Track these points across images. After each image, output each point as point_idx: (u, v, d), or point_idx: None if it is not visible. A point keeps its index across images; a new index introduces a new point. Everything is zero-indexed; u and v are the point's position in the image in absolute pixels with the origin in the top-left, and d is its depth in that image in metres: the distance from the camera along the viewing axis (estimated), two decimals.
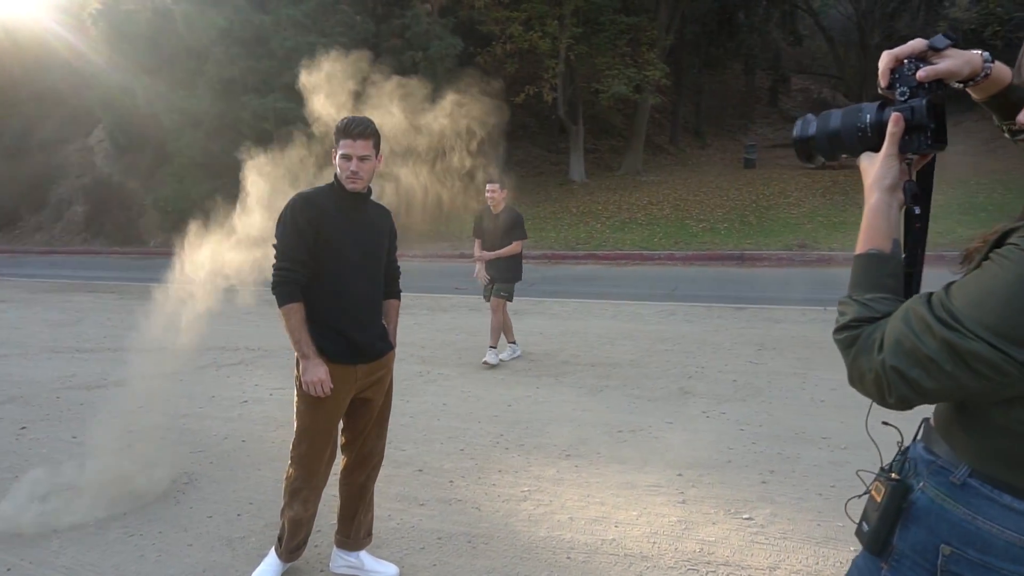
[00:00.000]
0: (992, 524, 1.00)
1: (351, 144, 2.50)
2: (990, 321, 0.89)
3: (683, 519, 3.23)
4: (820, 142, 1.23)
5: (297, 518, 2.69)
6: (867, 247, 1.11)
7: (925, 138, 1.10)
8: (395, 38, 17.55)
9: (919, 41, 1.11)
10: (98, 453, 4.04)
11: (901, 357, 0.97)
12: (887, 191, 1.11)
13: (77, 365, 6.70)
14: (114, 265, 17.29)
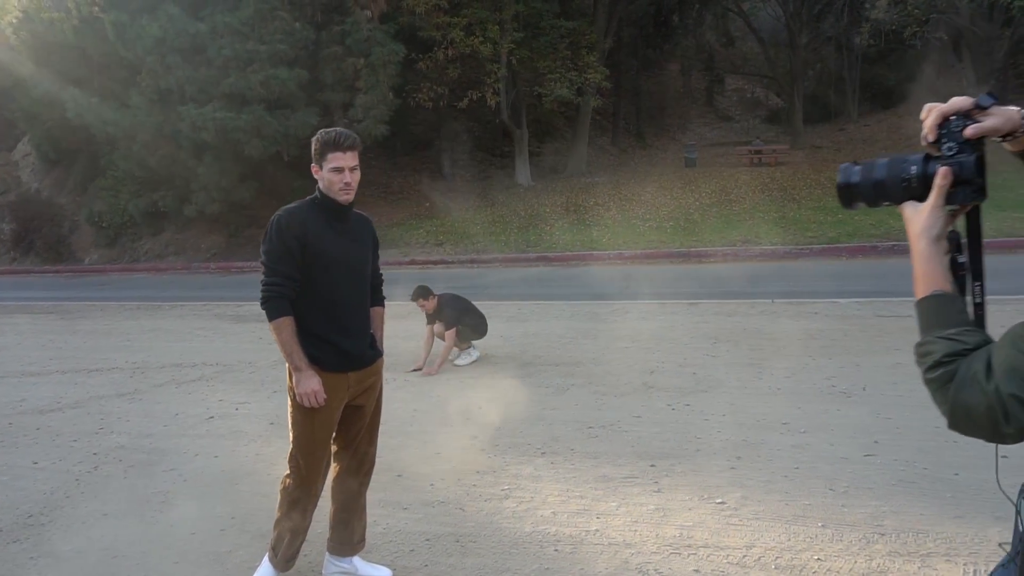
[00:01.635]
0: None
1: (342, 156, 2.55)
2: None
3: (660, 507, 3.37)
4: (864, 190, 1.29)
5: (295, 527, 2.72)
6: (930, 290, 1.12)
7: (972, 190, 1.16)
8: (336, 45, 17.39)
9: (965, 99, 1.17)
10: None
11: (1019, 382, 0.93)
12: (934, 241, 1.14)
13: (25, 389, 6.46)
14: (48, 284, 16.62)
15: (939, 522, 3.05)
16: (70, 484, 4.11)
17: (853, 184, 1.30)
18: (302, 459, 2.69)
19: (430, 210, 20.21)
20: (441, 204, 20.64)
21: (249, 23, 16.09)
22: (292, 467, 2.70)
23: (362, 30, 17.24)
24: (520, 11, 19.95)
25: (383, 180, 22.50)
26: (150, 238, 18.75)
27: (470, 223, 18.45)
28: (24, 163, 20.94)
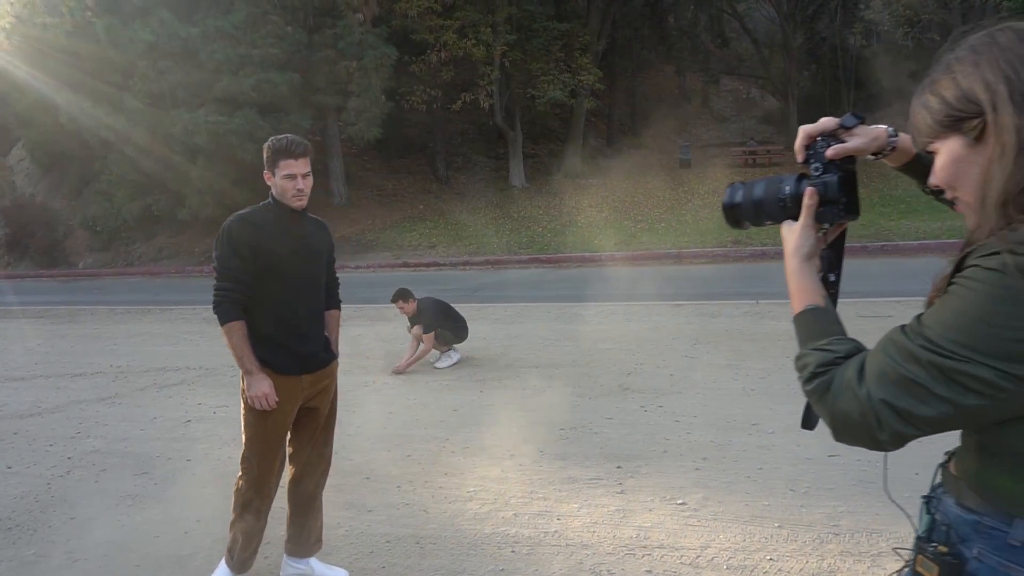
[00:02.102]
0: None
1: (294, 163, 2.58)
2: (968, 340, 0.89)
3: (621, 508, 3.39)
4: (747, 210, 1.30)
5: (249, 529, 2.74)
6: (804, 305, 1.14)
7: (838, 210, 1.17)
8: (328, 48, 17.45)
9: (831, 120, 1.18)
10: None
11: (889, 387, 0.93)
12: (805, 259, 1.17)
13: (7, 394, 6.49)
14: (41, 289, 16.66)
15: (894, 522, 3.06)
16: (41, 488, 4.13)
17: (736, 204, 1.31)
18: (255, 460, 2.72)
19: (423, 212, 20.25)
20: (434, 206, 20.68)
21: (241, 27, 16.16)
22: (244, 468, 2.73)
23: (354, 33, 17.30)
24: (513, 13, 20.00)
25: (377, 182, 22.54)
26: (144, 242, 18.80)
27: (463, 225, 18.49)
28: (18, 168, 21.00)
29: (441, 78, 19.75)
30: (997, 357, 0.87)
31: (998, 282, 0.87)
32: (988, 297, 0.88)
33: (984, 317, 0.88)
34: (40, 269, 19.31)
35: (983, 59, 0.95)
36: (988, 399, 0.89)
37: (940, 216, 12.94)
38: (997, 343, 0.87)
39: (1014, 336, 0.86)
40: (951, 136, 0.99)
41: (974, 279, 0.90)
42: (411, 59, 19.39)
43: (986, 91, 0.93)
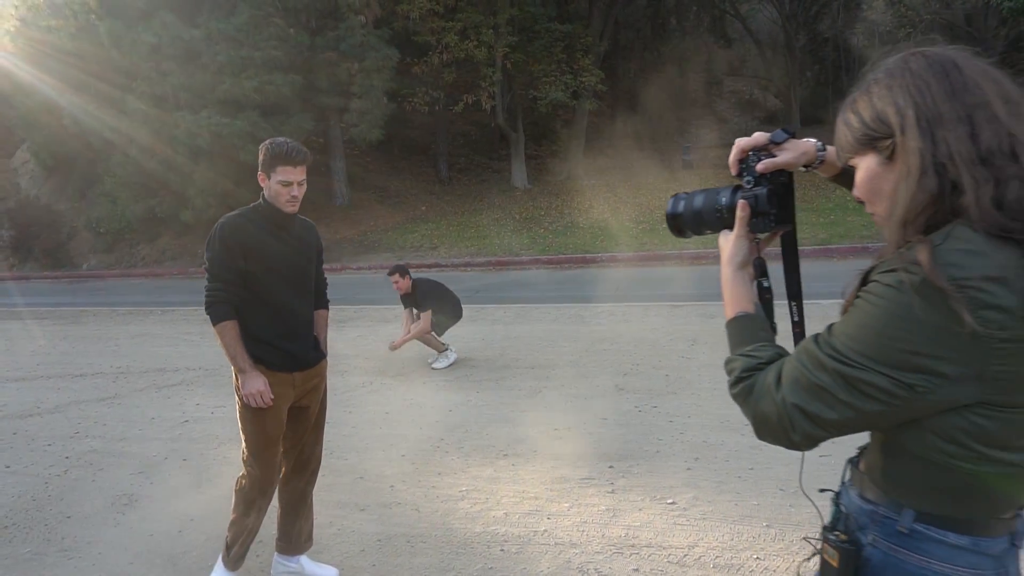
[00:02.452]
0: (947, 565, 1.03)
1: (292, 171, 2.60)
2: (869, 351, 0.95)
3: (611, 507, 3.41)
4: (688, 219, 1.36)
5: (251, 526, 2.78)
6: (735, 312, 1.21)
7: (769, 221, 1.23)
8: (330, 50, 17.51)
9: (762, 135, 1.25)
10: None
11: (800, 393, 1.01)
12: (739, 267, 1.23)
13: (8, 394, 6.54)
14: (46, 290, 16.75)
15: None
16: (39, 488, 4.17)
17: (678, 214, 1.37)
18: (255, 459, 2.74)
19: (425, 213, 20.30)
20: (437, 207, 20.74)
21: (244, 29, 16.23)
22: (247, 468, 2.75)
23: (356, 35, 17.37)
24: (515, 15, 20.04)
25: (380, 184, 22.60)
26: (147, 244, 18.88)
27: (465, 226, 18.54)
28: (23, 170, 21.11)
29: (443, 80, 19.81)
30: (891, 366, 0.94)
31: (894, 298, 0.94)
32: (885, 312, 0.95)
33: (881, 330, 0.95)
34: (45, 271, 19.41)
35: (896, 83, 1.01)
36: (885, 405, 0.96)
37: None
38: (892, 354, 0.94)
39: (906, 348, 0.93)
40: (868, 153, 1.05)
41: (874, 294, 0.97)
42: (413, 61, 19.45)
43: (896, 114, 1.00)
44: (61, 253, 19.44)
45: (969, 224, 0.93)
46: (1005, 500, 1.04)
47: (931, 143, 0.96)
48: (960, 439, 0.97)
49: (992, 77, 0.99)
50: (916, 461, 1.02)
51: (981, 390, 0.94)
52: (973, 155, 0.94)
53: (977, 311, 0.89)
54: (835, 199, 16.04)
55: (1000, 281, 0.89)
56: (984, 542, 1.03)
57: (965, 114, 0.96)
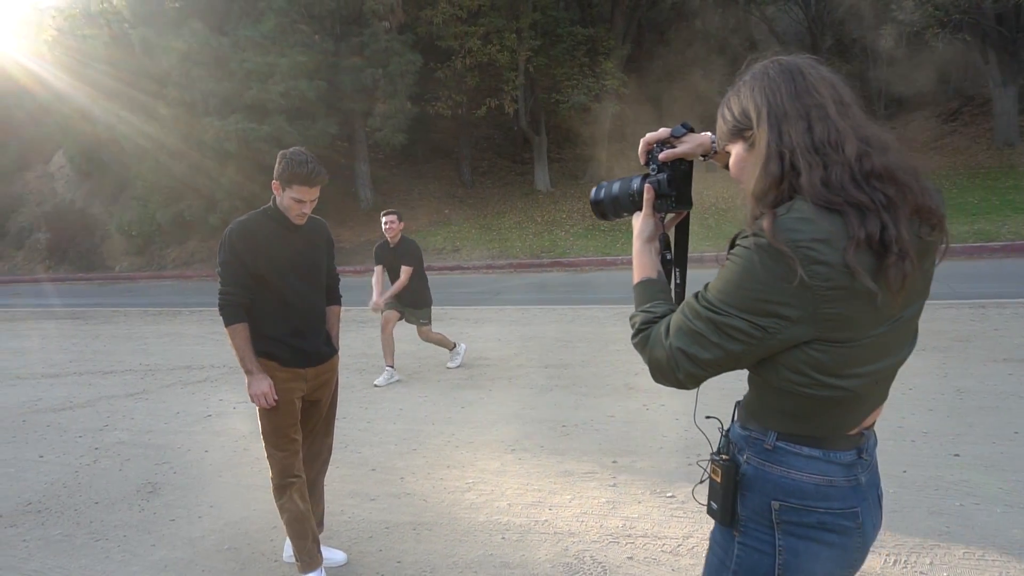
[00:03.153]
0: (801, 473, 1.25)
1: (307, 191, 2.72)
2: (733, 300, 1.18)
3: (611, 500, 3.52)
4: (607, 204, 1.57)
5: (293, 515, 2.82)
6: (640, 277, 1.43)
7: (671, 202, 1.45)
8: (354, 56, 17.80)
9: (664, 130, 1.46)
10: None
11: (682, 337, 1.22)
12: (646, 241, 1.45)
13: (43, 390, 6.82)
14: (79, 291, 17.25)
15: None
16: (69, 476, 4.39)
17: (600, 200, 1.59)
18: (275, 451, 2.87)
19: (448, 216, 20.50)
20: (460, 210, 20.93)
21: (270, 36, 16.59)
22: (270, 461, 2.88)
23: (380, 41, 17.64)
24: (537, 19, 20.18)
25: (403, 187, 22.86)
26: (177, 246, 19.33)
27: (487, 229, 18.71)
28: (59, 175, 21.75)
29: (466, 84, 20.00)
30: (748, 312, 1.17)
31: (749, 257, 1.16)
32: (742, 269, 1.17)
33: (740, 283, 1.17)
34: (79, 272, 19.97)
35: (756, 85, 1.24)
36: (745, 344, 1.19)
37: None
38: (748, 302, 1.17)
39: (758, 296, 1.16)
40: (737, 142, 1.29)
41: (736, 255, 1.19)
42: (437, 65, 19.68)
43: (755, 110, 1.23)
44: (94, 255, 19.99)
45: (805, 199, 1.14)
46: (845, 418, 1.26)
47: (777, 135, 1.19)
48: (803, 370, 1.20)
49: (830, 83, 1.21)
50: (773, 391, 1.26)
51: (816, 329, 1.16)
52: (808, 145, 1.17)
53: (808, 266, 1.11)
54: None
55: (825, 242, 1.11)
56: (833, 454, 1.27)
57: (804, 112, 1.18)
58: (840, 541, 1.27)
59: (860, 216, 1.12)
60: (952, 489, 3.38)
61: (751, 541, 1.31)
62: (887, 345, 1.24)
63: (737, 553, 1.33)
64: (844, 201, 1.13)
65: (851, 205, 1.13)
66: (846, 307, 1.14)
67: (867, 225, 1.12)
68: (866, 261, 1.12)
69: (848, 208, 1.12)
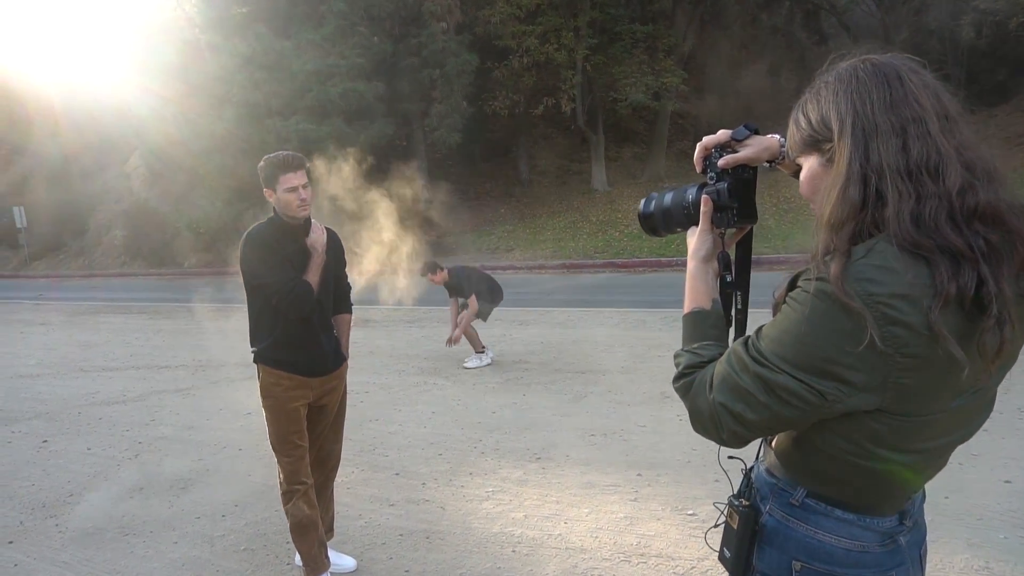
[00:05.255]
0: (831, 536, 1.11)
1: (293, 176, 2.76)
2: (788, 356, 0.99)
3: (630, 515, 3.42)
4: (657, 218, 1.39)
5: (299, 520, 2.84)
6: (691, 307, 1.23)
7: (732, 215, 1.25)
8: (412, 57, 18.00)
9: (724, 132, 1.28)
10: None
11: (727, 393, 1.05)
12: (702, 261, 1.25)
13: (101, 383, 7.14)
14: (150, 287, 18.04)
15: None
16: (111, 469, 4.57)
17: (650, 214, 1.40)
18: (279, 455, 2.93)
19: (504, 216, 20.54)
20: (515, 210, 20.95)
21: (330, 39, 16.94)
22: (279, 466, 2.93)
23: (438, 41, 17.77)
24: (595, 17, 19.98)
25: (461, 187, 23.01)
26: None
27: (542, 229, 18.65)
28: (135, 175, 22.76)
29: (523, 83, 19.97)
30: (806, 371, 0.98)
31: (813, 306, 0.97)
32: (804, 319, 0.98)
33: (799, 336, 0.98)
34: (151, 268, 20.89)
35: (842, 88, 1.03)
36: (799, 411, 1.01)
37: None
38: (807, 359, 0.98)
39: (820, 354, 0.97)
40: (813, 154, 1.08)
41: (797, 300, 1.01)
42: (494, 65, 19.72)
43: (837, 119, 1.02)
44: (165, 252, 20.86)
45: (890, 239, 0.94)
46: (893, 491, 1.11)
47: (863, 153, 0.98)
48: (857, 439, 1.04)
49: (934, 91, 1.00)
50: (817, 452, 1.09)
51: (883, 399, 0.98)
52: (902, 168, 0.96)
53: (884, 327, 0.92)
54: None
55: (907, 298, 0.92)
56: (870, 520, 1.11)
57: (900, 127, 0.97)
58: None
59: (953, 266, 0.92)
60: (998, 520, 3.15)
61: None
62: (961, 418, 1.06)
63: None
64: (936, 245, 0.92)
65: (943, 251, 0.92)
66: (924, 377, 0.96)
67: (960, 277, 0.91)
68: (955, 323, 0.92)
69: (939, 255, 0.92)
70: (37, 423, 5.80)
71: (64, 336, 10.45)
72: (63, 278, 22.00)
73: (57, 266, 24.20)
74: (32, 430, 5.61)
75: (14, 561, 3.37)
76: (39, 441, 5.29)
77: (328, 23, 16.92)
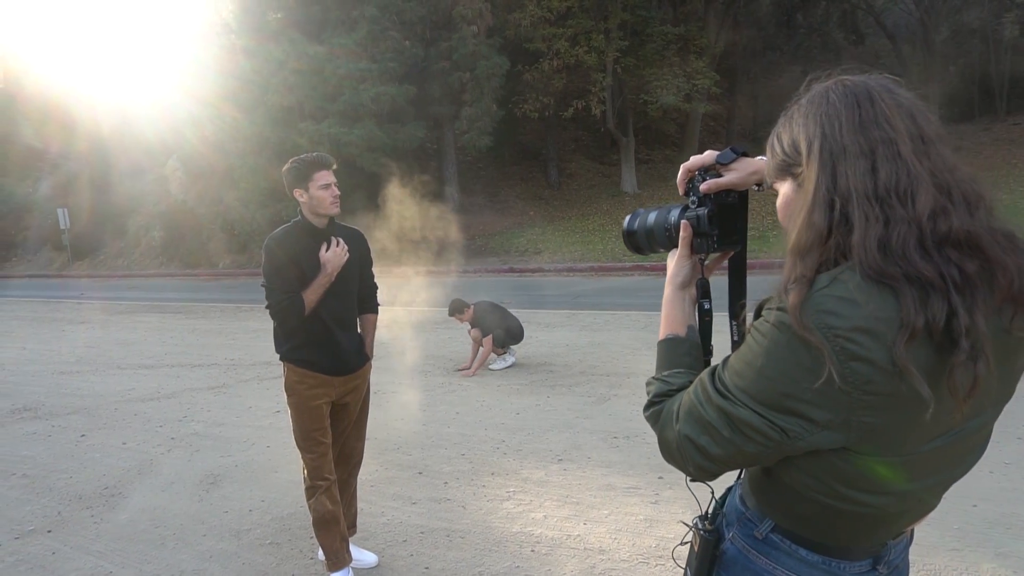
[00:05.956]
0: (789, 574, 1.07)
1: (326, 174, 2.86)
2: (750, 389, 0.95)
3: (650, 517, 3.42)
4: (640, 237, 1.35)
5: (321, 515, 2.90)
6: (665, 333, 1.20)
7: (712, 242, 1.21)
8: (443, 60, 18.15)
9: (710, 154, 1.23)
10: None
11: (692, 425, 1.01)
12: (679, 288, 1.23)
13: (137, 380, 7.33)
14: (186, 287, 18.44)
15: (931, 554, 2.92)
16: (145, 463, 4.70)
17: (633, 231, 1.37)
18: (305, 453, 2.99)
19: (533, 218, 20.57)
20: (545, 212, 20.97)
21: (363, 44, 17.16)
22: (302, 461, 3.00)
23: (468, 45, 17.89)
24: (626, 19, 19.91)
25: (490, 190, 23.12)
26: None
27: (571, 231, 18.63)
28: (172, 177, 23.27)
29: (553, 86, 19.98)
30: (767, 407, 0.94)
31: (774, 338, 0.92)
32: (765, 351, 0.93)
33: (760, 368, 0.94)
34: (187, 269, 21.35)
35: (812, 111, 0.99)
36: (761, 446, 0.96)
37: None
38: (767, 394, 0.94)
39: (781, 389, 0.93)
40: (787, 179, 1.04)
41: (759, 331, 0.96)
42: (524, 68, 19.78)
43: (806, 142, 0.98)
44: (201, 253, 21.32)
45: (856, 268, 0.89)
46: (866, 535, 1.05)
47: (830, 175, 0.94)
48: (824, 479, 0.99)
49: (908, 112, 0.95)
50: (784, 487, 1.05)
51: (848, 438, 0.93)
52: (869, 191, 0.91)
53: (844, 362, 0.87)
54: None
55: (870, 333, 0.86)
56: (838, 564, 1.05)
57: (869, 148, 0.93)
58: None
59: (922, 296, 0.86)
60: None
61: None
62: (941, 461, 0.99)
63: None
64: (903, 274, 0.87)
65: (911, 280, 0.87)
66: (890, 417, 0.90)
67: (929, 309, 0.86)
68: (924, 357, 0.87)
69: (906, 284, 0.87)
70: (76, 418, 5.99)
71: (103, 334, 10.75)
72: (103, 278, 22.61)
73: (98, 266, 24.88)
74: (71, 424, 5.79)
75: (52, 549, 3.50)
76: (77, 435, 5.46)
77: (360, 28, 17.15)
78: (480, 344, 6.72)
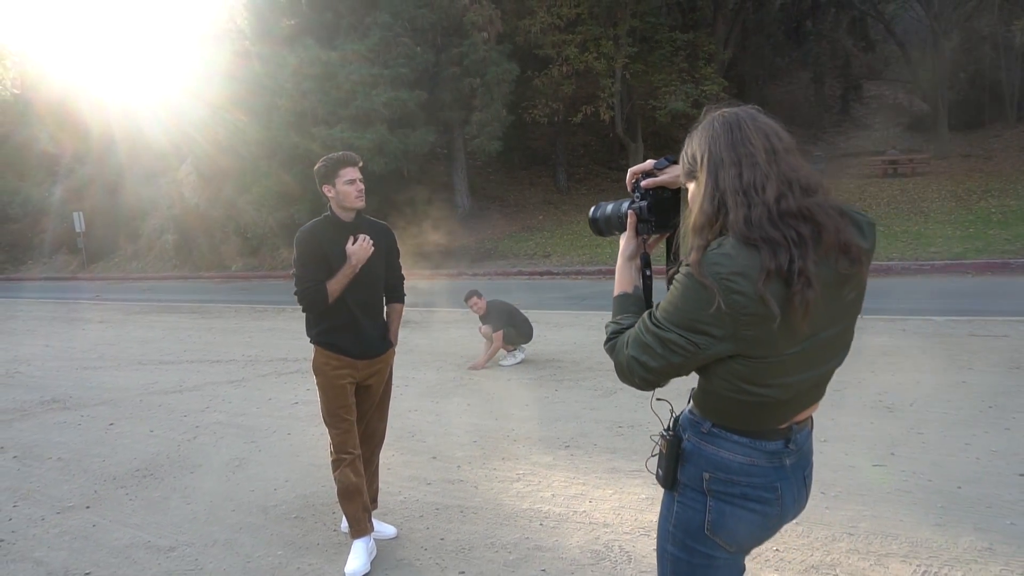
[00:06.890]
0: (729, 453, 1.52)
1: (353, 170, 3.09)
2: (672, 318, 1.41)
3: (652, 496, 3.63)
4: (601, 223, 1.77)
5: (346, 486, 3.10)
6: (618, 291, 1.65)
7: (651, 226, 1.63)
8: (454, 66, 18.43)
9: (649, 162, 1.65)
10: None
11: (636, 348, 1.46)
12: (628, 259, 1.66)
13: (159, 374, 7.59)
14: (199, 288, 18.75)
15: (915, 528, 3.11)
16: (172, 449, 4.94)
17: (595, 219, 1.80)
18: (331, 429, 3.21)
19: (542, 223, 20.79)
20: (553, 216, 21.19)
21: (375, 50, 17.47)
22: (330, 437, 3.21)
23: (479, 51, 18.17)
24: (635, 26, 20.15)
25: (499, 194, 23.38)
26: (287, 248, 20.59)
27: (579, 235, 18.83)
28: (186, 181, 23.69)
29: (563, 91, 20.23)
30: (684, 329, 1.40)
31: (685, 283, 1.38)
32: (680, 293, 1.39)
33: (678, 304, 1.40)
34: (200, 271, 21.68)
35: (703, 133, 1.44)
36: (683, 357, 1.42)
37: None
38: (683, 320, 1.39)
39: (691, 316, 1.38)
40: (692, 180, 1.49)
41: (677, 281, 1.41)
42: (534, 73, 20.05)
43: (700, 155, 1.43)
44: (213, 256, 21.67)
45: (732, 236, 1.35)
46: (771, 418, 1.50)
47: (714, 178, 1.40)
48: (730, 379, 1.45)
49: (765, 133, 1.39)
50: (711, 393, 1.51)
51: (737, 346, 1.38)
52: (737, 188, 1.37)
53: (728, 295, 1.33)
54: (976, 211, 14.90)
55: (742, 274, 1.32)
56: (759, 443, 1.52)
57: (737, 159, 1.38)
58: (760, 509, 1.53)
59: (773, 251, 1.31)
60: (1007, 508, 3.27)
61: (687, 501, 1.57)
62: (807, 360, 1.44)
63: (676, 511, 1.60)
64: (760, 237, 1.31)
65: (765, 241, 1.31)
66: (760, 329, 1.35)
67: (777, 259, 1.30)
68: (777, 290, 1.31)
69: (763, 244, 1.31)
70: (102, 408, 6.25)
71: (122, 333, 11.04)
72: (117, 280, 22.98)
73: (112, 269, 25.28)
74: (98, 415, 6.05)
75: (92, 522, 3.74)
76: (106, 424, 5.72)
77: (373, 35, 17.46)
78: (489, 339, 6.95)
